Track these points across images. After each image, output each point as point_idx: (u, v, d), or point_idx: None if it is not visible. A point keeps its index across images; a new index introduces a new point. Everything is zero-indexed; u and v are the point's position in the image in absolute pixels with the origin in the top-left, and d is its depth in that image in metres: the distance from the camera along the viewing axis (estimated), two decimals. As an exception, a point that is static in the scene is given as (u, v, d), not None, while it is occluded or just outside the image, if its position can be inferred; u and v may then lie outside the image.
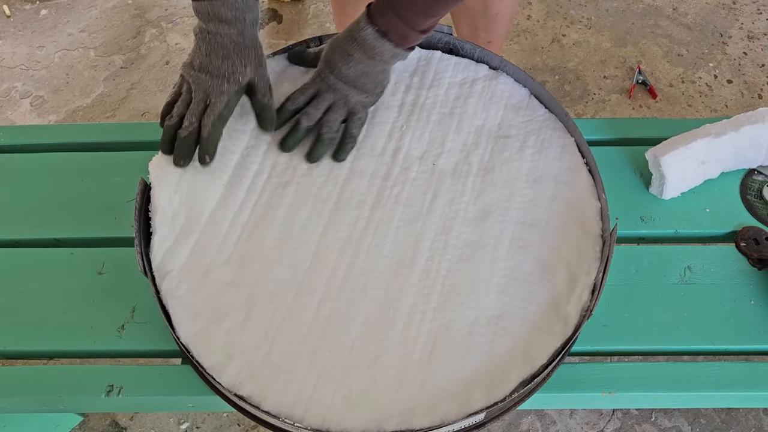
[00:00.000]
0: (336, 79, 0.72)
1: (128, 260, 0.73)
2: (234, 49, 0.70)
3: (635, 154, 0.80)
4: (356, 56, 0.70)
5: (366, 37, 0.69)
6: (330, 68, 0.72)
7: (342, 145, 0.73)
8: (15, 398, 0.66)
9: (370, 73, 0.71)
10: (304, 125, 0.72)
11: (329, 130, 0.72)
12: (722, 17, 1.78)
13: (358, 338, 0.64)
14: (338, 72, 0.71)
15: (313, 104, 0.73)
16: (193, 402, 0.68)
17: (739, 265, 0.73)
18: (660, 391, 0.66)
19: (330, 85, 0.72)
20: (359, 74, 0.71)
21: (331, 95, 0.73)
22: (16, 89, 1.65)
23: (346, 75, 0.71)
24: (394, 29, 0.68)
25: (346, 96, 0.72)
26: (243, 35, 0.70)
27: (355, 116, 0.73)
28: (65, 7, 1.82)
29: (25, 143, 0.84)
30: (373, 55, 0.70)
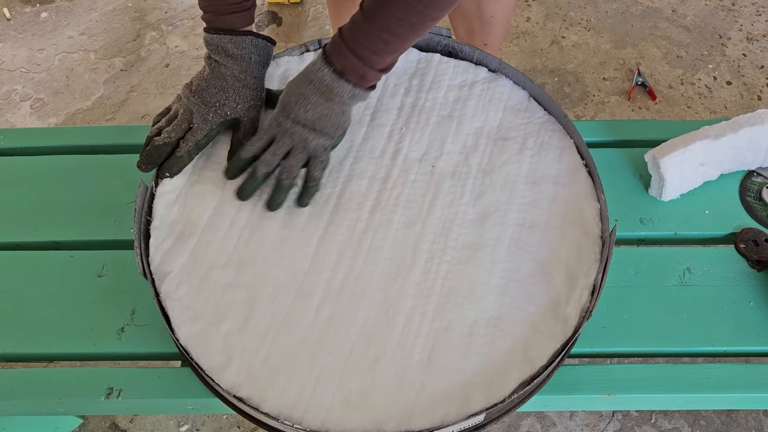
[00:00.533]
0: (293, 123, 0.68)
1: (128, 263, 0.73)
2: (233, 84, 0.71)
3: (634, 155, 0.81)
4: (313, 99, 0.67)
5: (323, 78, 0.66)
6: (286, 112, 0.68)
7: (305, 189, 0.70)
8: (14, 401, 0.66)
9: (329, 116, 0.68)
10: (261, 172, 0.69)
11: (288, 176, 0.69)
12: (721, 19, 1.78)
13: (358, 340, 0.64)
14: (295, 116, 0.68)
15: (270, 150, 0.69)
16: (193, 404, 0.68)
17: (738, 266, 0.73)
18: (659, 392, 0.66)
19: (287, 130, 0.69)
20: (317, 117, 0.68)
21: (289, 140, 0.69)
22: (16, 92, 1.66)
23: (304, 118, 0.68)
24: (351, 69, 0.65)
25: (305, 140, 0.68)
26: (246, 73, 0.72)
27: (316, 160, 0.69)
28: (65, 10, 1.83)
29: (25, 146, 0.85)
30: (331, 97, 0.67)
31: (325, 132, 0.69)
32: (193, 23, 1.76)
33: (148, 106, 1.62)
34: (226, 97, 0.71)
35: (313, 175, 0.69)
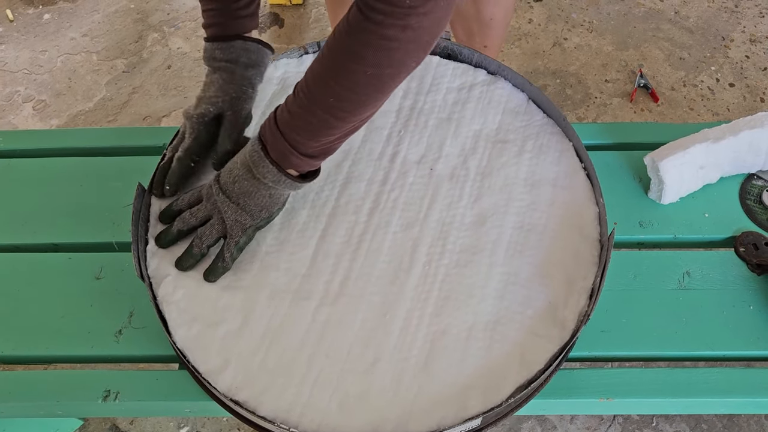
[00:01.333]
0: (219, 191, 0.64)
1: (126, 265, 0.73)
2: (220, 84, 0.71)
3: (634, 158, 0.80)
4: (241, 173, 0.63)
5: (253, 155, 0.62)
6: (218, 179, 0.65)
7: (212, 266, 0.66)
8: (12, 403, 0.66)
9: (254, 194, 0.63)
10: (176, 228, 0.67)
11: (199, 243, 0.65)
12: (724, 21, 1.77)
13: (355, 343, 0.64)
14: (224, 185, 0.64)
15: (191, 210, 0.67)
16: (191, 407, 0.68)
17: (738, 270, 0.72)
18: (658, 397, 0.66)
19: (211, 196, 0.65)
20: (243, 192, 0.64)
21: (211, 207, 0.66)
22: (18, 93, 1.66)
23: (231, 191, 0.64)
24: (274, 147, 0.60)
25: (225, 212, 0.64)
26: (233, 74, 0.71)
27: (231, 239, 0.65)
28: (68, 12, 1.83)
29: (24, 148, 0.85)
30: (257, 176, 0.62)
31: (247, 209, 0.64)
32: (195, 25, 1.77)
33: (150, 108, 1.62)
34: (209, 96, 0.71)
35: (224, 254, 0.65)
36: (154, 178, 0.72)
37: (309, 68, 0.59)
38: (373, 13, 0.52)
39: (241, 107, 0.72)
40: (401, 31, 0.52)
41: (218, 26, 0.71)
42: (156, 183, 0.72)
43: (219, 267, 0.66)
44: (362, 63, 0.54)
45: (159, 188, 0.71)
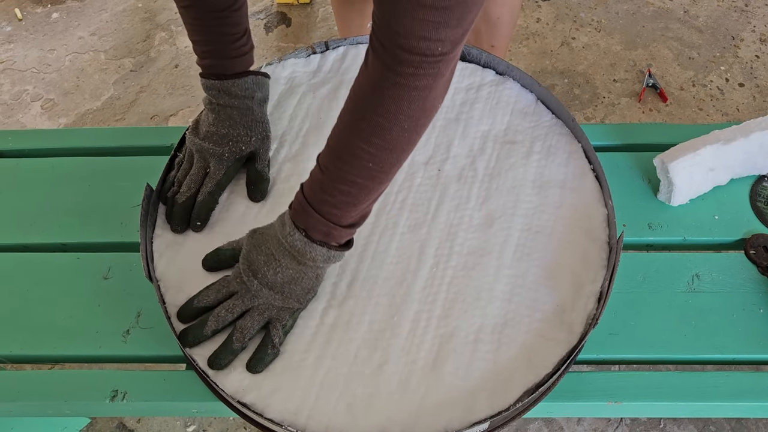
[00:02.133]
0: (260, 286, 0.61)
1: (134, 265, 0.73)
2: (241, 120, 0.71)
3: (643, 160, 0.80)
4: (284, 262, 0.61)
5: (295, 243, 0.59)
6: (252, 271, 0.62)
7: (261, 356, 0.62)
8: (21, 402, 0.67)
9: (300, 280, 0.61)
10: (210, 329, 0.62)
11: (241, 338, 0.61)
12: (734, 20, 1.76)
13: (362, 345, 0.63)
14: (263, 277, 0.61)
15: (226, 306, 0.62)
16: (198, 408, 0.68)
17: (748, 273, 0.72)
18: (667, 400, 0.65)
19: (250, 290, 0.62)
20: (287, 281, 0.61)
21: (250, 301, 0.62)
22: (27, 92, 1.67)
23: (273, 281, 0.61)
24: (315, 228, 0.58)
25: (270, 304, 0.62)
26: (251, 110, 0.71)
27: (278, 323, 0.62)
28: (76, 11, 1.84)
29: (33, 148, 0.85)
30: (303, 261, 0.60)
31: (293, 296, 0.62)
32: (202, 24, 1.77)
33: (158, 107, 1.62)
34: (238, 134, 0.70)
35: (274, 341, 0.62)
36: (174, 212, 0.70)
37: (332, 138, 0.57)
38: (402, 67, 0.50)
39: (268, 145, 0.73)
40: (434, 79, 0.51)
41: (226, 63, 0.70)
42: (178, 219, 0.69)
43: (269, 355, 0.62)
44: (397, 118, 0.52)
45: (183, 224, 0.69)
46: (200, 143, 0.70)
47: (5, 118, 1.62)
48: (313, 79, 0.82)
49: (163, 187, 0.72)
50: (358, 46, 0.84)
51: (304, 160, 0.75)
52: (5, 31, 1.80)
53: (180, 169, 0.72)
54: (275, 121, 0.78)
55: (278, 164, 0.75)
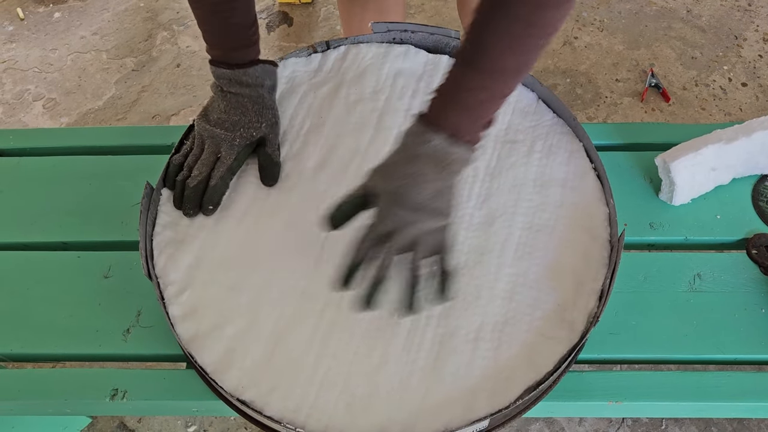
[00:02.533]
0: (410, 212, 0.57)
1: (134, 264, 0.73)
2: (252, 108, 0.72)
3: (645, 159, 0.79)
4: (429, 175, 0.57)
5: (437, 148, 0.56)
6: (398, 199, 0.57)
7: (446, 283, 0.59)
8: (21, 401, 0.67)
9: (445, 191, 0.58)
10: (383, 274, 0.58)
11: (417, 274, 0.58)
12: (737, 19, 1.76)
13: (362, 344, 0.63)
14: (410, 202, 0.57)
15: (389, 248, 0.57)
16: (198, 406, 0.68)
17: (749, 272, 0.71)
18: (668, 400, 0.65)
19: (404, 220, 0.57)
20: (433, 196, 0.57)
21: (410, 231, 0.57)
22: (29, 92, 1.67)
23: (421, 203, 0.57)
24: (466, 128, 0.56)
25: (428, 227, 0.58)
26: (262, 97, 0.73)
27: (443, 248, 0.59)
28: (78, 10, 1.84)
29: (34, 147, 0.85)
30: (447, 166, 0.57)
31: (441, 212, 0.58)
32: (204, 23, 1.77)
33: (159, 107, 1.63)
34: (249, 120, 0.72)
35: (448, 268, 0.59)
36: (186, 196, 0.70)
37: (471, 32, 0.55)
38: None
39: (277, 131, 0.75)
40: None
41: (236, 53, 0.71)
42: (191, 202, 0.70)
43: (452, 281, 0.60)
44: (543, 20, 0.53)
45: (195, 208, 0.70)
46: (212, 129, 0.71)
47: (7, 117, 1.62)
48: (314, 78, 0.82)
49: (168, 173, 0.73)
50: (359, 45, 0.84)
51: (305, 158, 0.75)
52: (7, 31, 1.80)
53: (190, 155, 0.73)
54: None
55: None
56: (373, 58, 0.82)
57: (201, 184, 0.71)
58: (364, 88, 0.80)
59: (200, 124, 0.73)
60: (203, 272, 0.67)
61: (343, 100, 0.79)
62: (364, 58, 0.82)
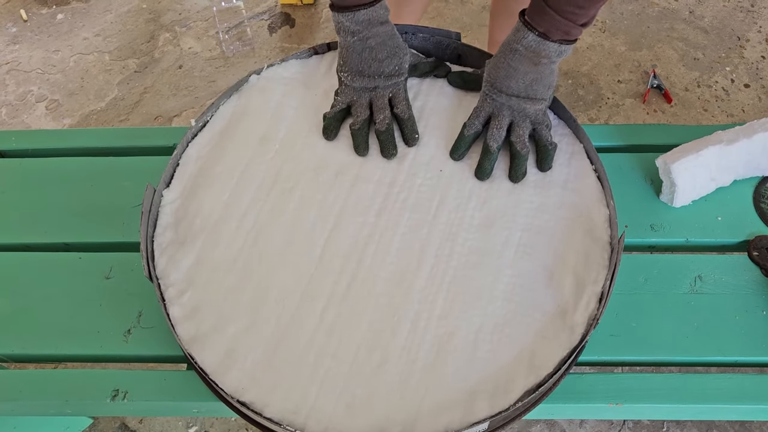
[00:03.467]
0: (508, 96, 0.71)
1: (135, 265, 0.73)
2: (393, 45, 0.75)
3: (645, 160, 0.79)
4: (522, 68, 0.69)
5: (528, 44, 0.68)
6: (497, 87, 0.71)
7: (546, 154, 0.72)
8: (22, 401, 0.67)
9: (540, 79, 0.70)
10: (494, 147, 0.71)
11: (523, 145, 0.71)
12: (740, 20, 1.75)
13: (362, 344, 0.63)
14: (508, 88, 0.71)
15: (495, 126, 0.72)
16: (198, 407, 0.68)
17: (751, 274, 0.71)
18: (669, 402, 0.65)
19: (503, 104, 0.72)
20: (529, 83, 0.70)
21: (508, 113, 0.72)
22: (32, 93, 1.68)
23: (517, 89, 0.70)
24: (555, 29, 0.66)
25: (524, 110, 0.71)
26: (394, 30, 0.75)
27: (541, 125, 0.72)
28: (81, 12, 1.85)
29: (36, 148, 0.85)
30: (538, 61, 0.69)
31: (539, 96, 0.71)
32: (206, 24, 1.77)
33: (161, 108, 1.63)
34: (399, 59, 0.75)
35: (548, 139, 0.72)
36: (381, 140, 0.74)
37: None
38: None
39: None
40: None
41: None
42: (390, 144, 0.74)
43: (552, 152, 0.72)
44: None
45: (395, 148, 0.74)
46: (372, 80, 0.75)
47: (10, 118, 1.63)
48: (315, 79, 0.82)
49: (328, 125, 0.76)
50: (360, 46, 0.84)
51: (305, 160, 0.75)
52: (10, 32, 1.81)
53: (357, 108, 0.75)
54: (276, 121, 0.78)
55: (279, 165, 0.75)
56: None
57: (390, 127, 0.74)
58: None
59: (357, 80, 0.75)
60: (204, 273, 0.67)
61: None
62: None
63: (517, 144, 0.71)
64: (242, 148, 0.75)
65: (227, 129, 0.77)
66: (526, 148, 0.71)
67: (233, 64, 1.70)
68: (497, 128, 0.71)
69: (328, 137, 0.76)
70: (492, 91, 0.72)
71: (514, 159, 0.72)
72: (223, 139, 0.76)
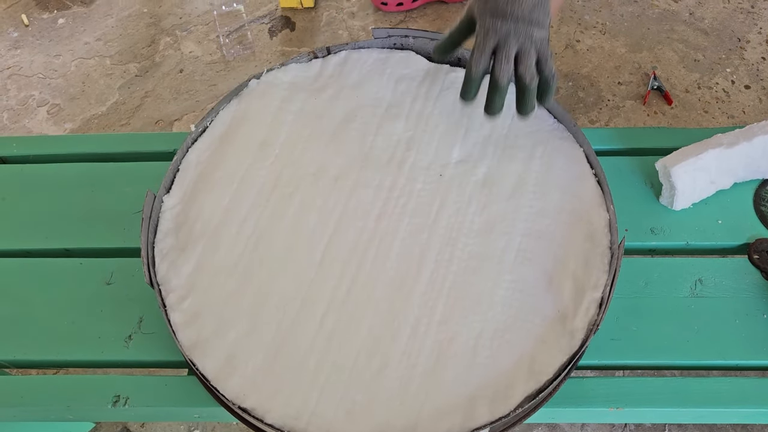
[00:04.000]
0: (513, 22, 0.65)
1: (136, 270, 0.74)
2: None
3: (645, 164, 0.79)
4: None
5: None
6: (500, 12, 0.65)
7: (549, 87, 0.69)
8: (24, 407, 0.67)
9: (541, 3, 0.65)
10: (505, 82, 0.67)
11: (532, 76, 0.67)
12: (740, 22, 1.75)
13: (362, 350, 0.63)
14: (512, 13, 0.64)
15: (503, 58, 0.66)
16: (199, 413, 0.68)
17: (751, 278, 0.71)
18: (670, 406, 0.65)
19: (509, 32, 0.65)
20: (531, 8, 0.64)
21: (515, 41, 0.66)
22: (33, 97, 1.68)
23: (522, 12, 0.64)
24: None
25: (531, 36, 0.66)
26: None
27: (545, 55, 0.67)
28: (82, 17, 1.85)
29: (37, 154, 0.85)
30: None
31: (540, 22, 0.66)
32: (207, 29, 1.77)
33: (162, 112, 1.63)
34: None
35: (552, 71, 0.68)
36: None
37: None
38: None
39: None
40: None
41: None
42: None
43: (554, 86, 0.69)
44: None
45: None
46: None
47: (12, 123, 1.63)
48: (315, 84, 0.82)
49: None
50: (360, 50, 0.84)
51: (305, 165, 0.75)
52: (12, 37, 1.81)
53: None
54: (276, 126, 0.78)
55: (279, 170, 0.75)
56: (374, 64, 0.83)
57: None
58: (365, 93, 0.80)
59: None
60: (204, 279, 0.67)
61: (343, 105, 0.79)
62: (365, 64, 0.83)
63: (526, 77, 0.67)
64: (242, 153, 0.76)
65: (227, 134, 0.77)
66: (535, 80, 0.67)
67: (234, 67, 1.70)
68: (506, 60, 0.66)
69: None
70: (494, 18, 0.65)
71: (525, 93, 0.68)
72: (222, 144, 0.77)
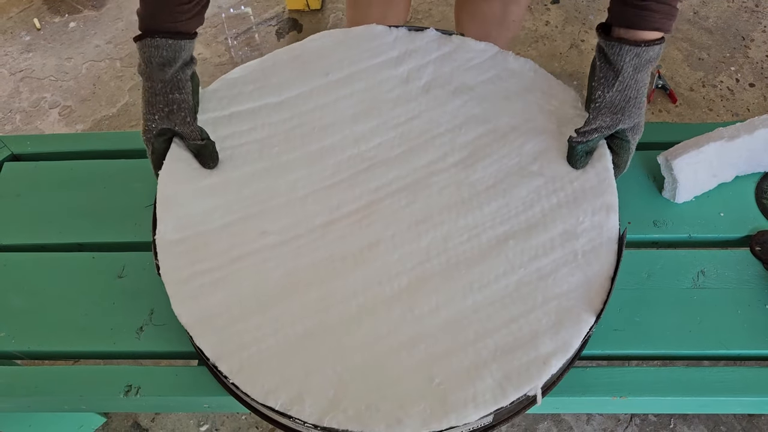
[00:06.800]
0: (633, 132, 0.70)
1: (147, 264, 0.75)
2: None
3: (648, 157, 0.80)
4: (643, 81, 0.68)
5: (654, 55, 0.65)
6: (628, 118, 0.69)
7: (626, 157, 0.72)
8: (38, 397, 0.69)
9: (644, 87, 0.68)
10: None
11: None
12: (744, 20, 1.75)
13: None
14: (629, 118, 0.69)
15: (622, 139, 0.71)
16: (209, 402, 0.69)
17: (753, 269, 0.72)
18: (672, 395, 0.66)
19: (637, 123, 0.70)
20: (641, 100, 0.69)
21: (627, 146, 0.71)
22: (45, 100, 1.70)
23: (641, 104, 0.69)
24: (666, 18, 0.63)
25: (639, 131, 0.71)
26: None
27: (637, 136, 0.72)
28: (93, 20, 1.88)
29: (50, 151, 0.87)
30: (650, 64, 0.66)
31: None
32: (215, 31, 1.80)
33: (171, 113, 1.65)
34: None
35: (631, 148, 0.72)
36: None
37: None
38: None
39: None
40: None
41: None
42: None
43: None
44: None
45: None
46: None
47: (24, 125, 1.66)
48: (321, 82, 0.83)
49: None
50: (365, 49, 0.85)
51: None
52: (24, 41, 1.84)
53: None
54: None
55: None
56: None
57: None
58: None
59: None
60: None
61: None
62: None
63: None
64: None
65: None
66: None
67: (241, 69, 1.72)
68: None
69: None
70: (620, 131, 0.70)
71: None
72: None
